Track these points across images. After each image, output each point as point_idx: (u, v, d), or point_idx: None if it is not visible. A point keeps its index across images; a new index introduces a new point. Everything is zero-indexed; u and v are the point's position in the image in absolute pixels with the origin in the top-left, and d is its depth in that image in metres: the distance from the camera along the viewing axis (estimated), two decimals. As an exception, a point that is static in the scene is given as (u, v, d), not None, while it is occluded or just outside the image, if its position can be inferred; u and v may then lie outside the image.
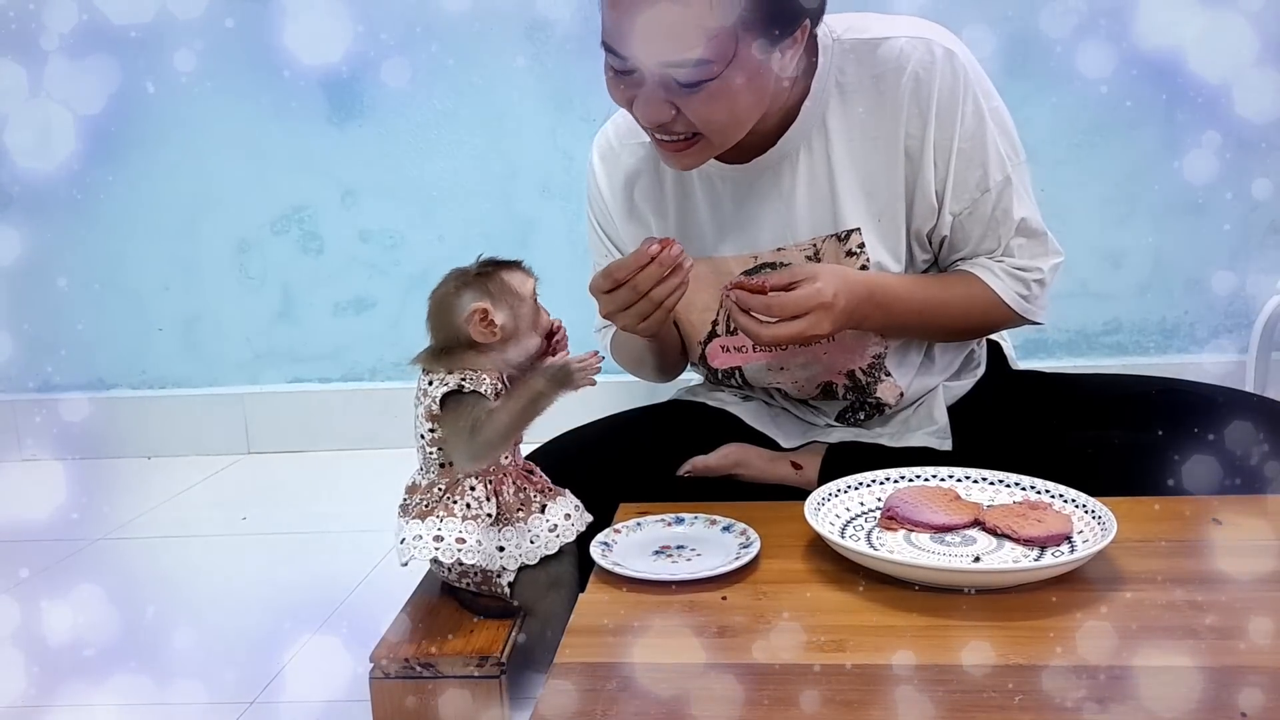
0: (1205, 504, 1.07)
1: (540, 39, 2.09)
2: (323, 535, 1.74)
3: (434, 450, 1.07)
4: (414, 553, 1.05)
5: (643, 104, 1.07)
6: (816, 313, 1.08)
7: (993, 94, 1.18)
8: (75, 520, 1.82)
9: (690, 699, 0.79)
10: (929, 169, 1.16)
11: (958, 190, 1.17)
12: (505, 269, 1.09)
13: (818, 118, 1.17)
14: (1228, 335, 2.08)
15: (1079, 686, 0.77)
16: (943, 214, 1.18)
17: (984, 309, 1.21)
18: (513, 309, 1.07)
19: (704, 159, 1.13)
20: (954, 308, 1.21)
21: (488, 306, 1.05)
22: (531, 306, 1.09)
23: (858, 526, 1.04)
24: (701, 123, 1.07)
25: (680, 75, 1.02)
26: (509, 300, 1.07)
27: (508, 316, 1.07)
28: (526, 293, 1.09)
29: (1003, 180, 1.17)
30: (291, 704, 1.17)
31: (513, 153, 2.14)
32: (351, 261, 2.21)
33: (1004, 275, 1.20)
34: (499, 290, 1.07)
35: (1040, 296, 1.22)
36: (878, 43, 1.16)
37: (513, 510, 1.09)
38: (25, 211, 2.21)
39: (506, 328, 1.07)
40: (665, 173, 1.25)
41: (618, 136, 1.29)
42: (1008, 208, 1.18)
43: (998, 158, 1.17)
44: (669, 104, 1.06)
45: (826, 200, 1.19)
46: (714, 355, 1.26)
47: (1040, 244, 1.22)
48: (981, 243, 1.20)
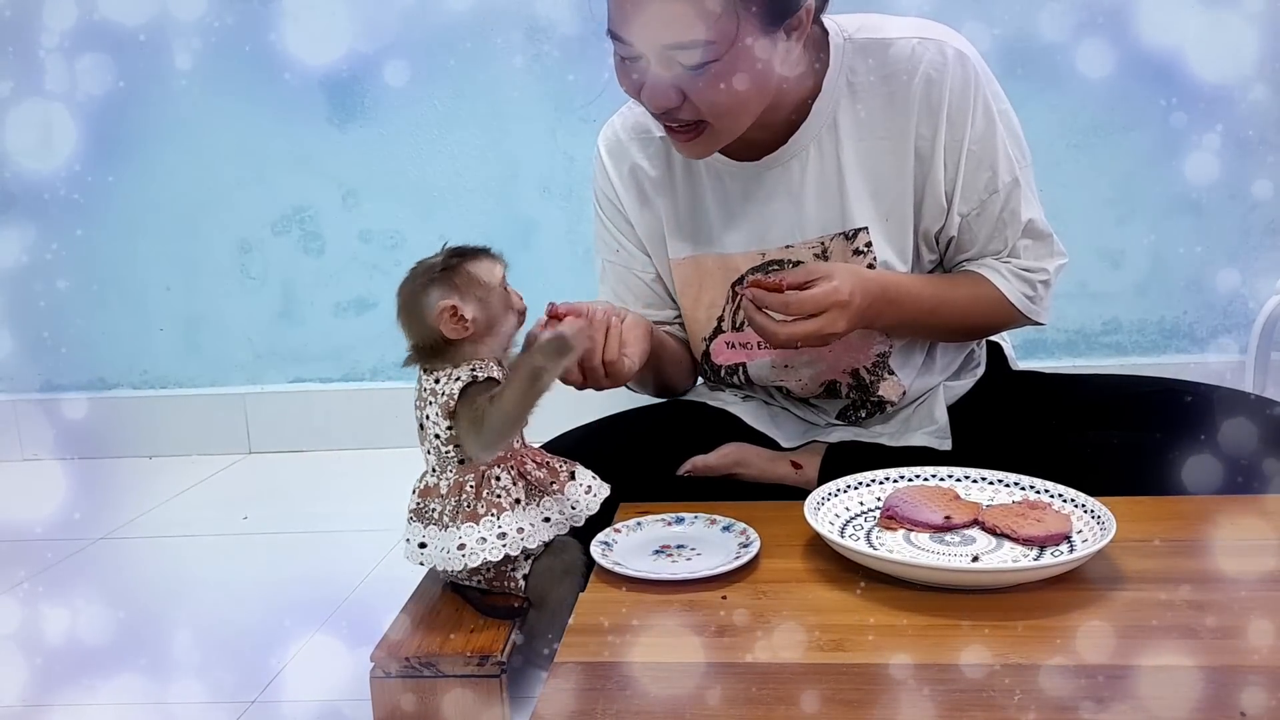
0: (1205, 504, 1.07)
1: (540, 39, 2.09)
2: (324, 535, 1.74)
3: (450, 449, 1.06)
4: (484, 554, 1.03)
5: (650, 90, 1.07)
6: (833, 311, 1.08)
7: (1001, 97, 1.18)
8: (76, 520, 1.82)
9: (690, 698, 0.79)
10: (939, 170, 1.17)
11: (967, 191, 1.18)
12: (470, 259, 1.07)
13: (828, 116, 1.18)
14: (1227, 335, 2.08)
15: (1078, 686, 0.78)
16: (951, 214, 1.19)
17: (990, 309, 1.22)
18: (481, 300, 1.05)
19: (713, 148, 1.14)
20: (962, 307, 1.22)
21: (456, 303, 1.04)
22: (500, 293, 1.07)
23: (857, 526, 1.04)
24: (707, 107, 1.07)
25: (684, 58, 1.03)
26: (476, 292, 1.05)
27: (477, 309, 1.05)
28: (495, 280, 1.07)
29: (1011, 182, 1.18)
30: (292, 703, 1.17)
31: (513, 153, 2.14)
32: (352, 262, 2.21)
33: (1010, 276, 1.21)
34: (465, 283, 1.05)
35: (1045, 298, 1.23)
36: (889, 43, 1.16)
37: (546, 484, 1.08)
38: (26, 211, 2.21)
39: (478, 320, 1.05)
40: (675, 168, 1.26)
41: (625, 130, 1.30)
42: (1015, 209, 1.19)
43: (1006, 160, 1.17)
44: (676, 90, 1.06)
45: (835, 199, 1.19)
46: (719, 352, 1.26)
47: (1046, 245, 1.22)
48: (989, 244, 1.21)
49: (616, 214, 1.31)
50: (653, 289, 1.33)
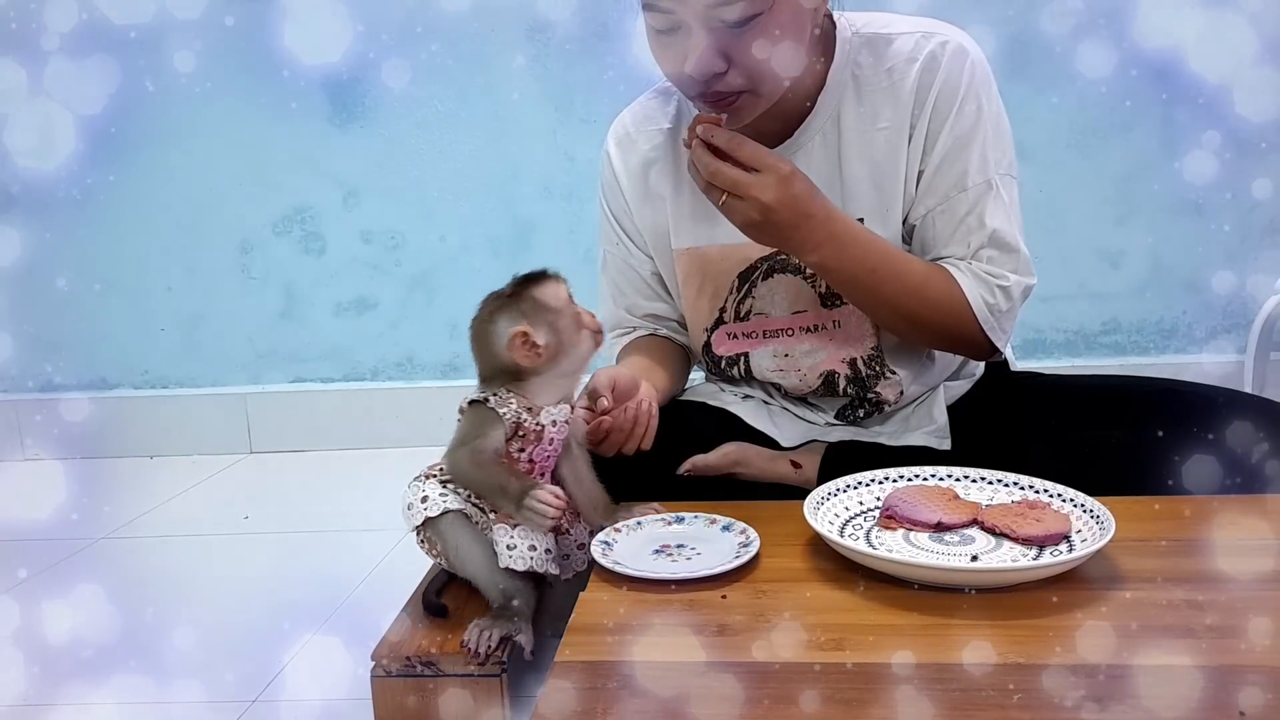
0: (1204, 504, 1.07)
1: (541, 40, 2.09)
2: (324, 534, 1.74)
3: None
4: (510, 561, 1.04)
5: (695, 58, 1.06)
6: (768, 175, 1.05)
7: (996, 101, 1.18)
8: (77, 520, 1.83)
9: (690, 698, 0.79)
10: (918, 155, 1.17)
11: (936, 182, 1.17)
12: (534, 284, 1.05)
13: (833, 109, 1.19)
14: (1226, 335, 2.09)
15: (1078, 685, 0.78)
16: (917, 204, 1.18)
17: (943, 301, 1.16)
18: (551, 324, 1.04)
19: (750, 116, 1.13)
20: (911, 283, 1.15)
21: (527, 329, 1.02)
22: (569, 315, 1.05)
23: (857, 525, 1.04)
24: (753, 67, 1.07)
25: (727, 14, 1.03)
26: (546, 317, 1.04)
27: (548, 333, 1.03)
28: (561, 303, 1.05)
29: (983, 184, 1.16)
30: (293, 703, 1.17)
31: (514, 153, 2.14)
32: (353, 262, 2.21)
33: (970, 275, 1.16)
34: (533, 309, 1.03)
35: (1005, 311, 1.17)
36: (893, 37, 1.18)
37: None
38: (27, 211, 2.22)
39: (550, 345, 1.03)
40: (680, 160, 1.26)
41: (634, 123, 1.31)
42: (981, 214, 1.16)
43: (982, 160, 1.16)
44: (721, 54, 1.06)
45: (837, 190, 1.20)
46: (719, 342, 1.26)
47: (1012, 260, 1.17)
48: (949, 244, 1.18)
49: (620, 206, 1.32)
50: (649, 284, 1.34)
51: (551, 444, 1.07)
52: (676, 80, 1.13)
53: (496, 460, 1.03)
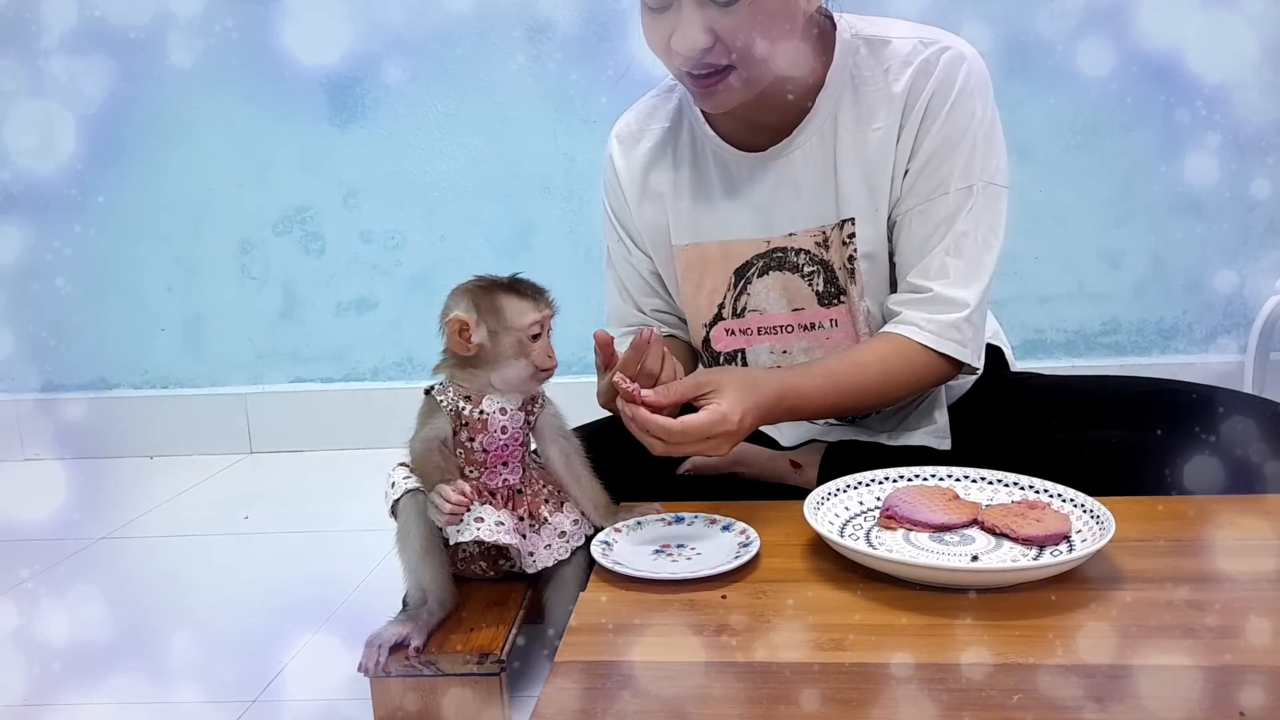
0: (1204, 504, 1.07)
1: (541, 40, 2.09)
2: (324, 535, 1.74)
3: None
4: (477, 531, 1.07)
5: (681, 33, 1.07)
6: (718, 439, 1.04)
7: (991, 109, 1.18)
8: (77, 520, 1.83)
9: (690, 698, 0.79)
10: (906, 154, 1.17)
11: (919, 184, 1.17)
12: (509, 292, 1.07)
13: (831, 110, 1.19)
14: (1226, 335, 2.09)
15: (1078, 686, 0.78)
16: (899, 202, 1.19)
17: (909, 375, 1.16)
18: (494, 332, 1.05)
19: (735, 99, 1.13)
20: (874, 385, 1.16)
21: (469, 320, 1.05)
22: (518, 338, 1.06)
23: (857, 526, 1.04)
24: (741, 43, 1.07)
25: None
26: (493, 322, 1.05)
27: (485, 337, 1.05)
28: (520, 324, 1.05)
29: (964, 190, 1.16)
30: (292, 702, 1.17)
31: (513, 153, 2.15)
32: (353, 262, 2.21)
33: (930, 332, 1.15)
34: (488, 308, 1.06)
35: (975, 334, 1.17)
36: (892, 40, 1.18)
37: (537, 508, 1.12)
38: (27, 211, 2.21)
39: (485, 348, 1.06)
40: (682, 157, 1.27)
41: (637, 120, 1.32)
42: (954, 218, 1.15)
43: (966, 167, 1.16)
44: (707, 30, 1.07)
45: (831, 190, 1.20)
46: (718, 339, 1.26)
47: (974, 273, 1.16)
48: (919, 252, 1.17)
49: (621, 205, 1.33)
50: (649, 282, 1.35)
51: (505, 433, 1.08)
52: (664, 56, 1.13)
53: (440, 449, 1.07)
